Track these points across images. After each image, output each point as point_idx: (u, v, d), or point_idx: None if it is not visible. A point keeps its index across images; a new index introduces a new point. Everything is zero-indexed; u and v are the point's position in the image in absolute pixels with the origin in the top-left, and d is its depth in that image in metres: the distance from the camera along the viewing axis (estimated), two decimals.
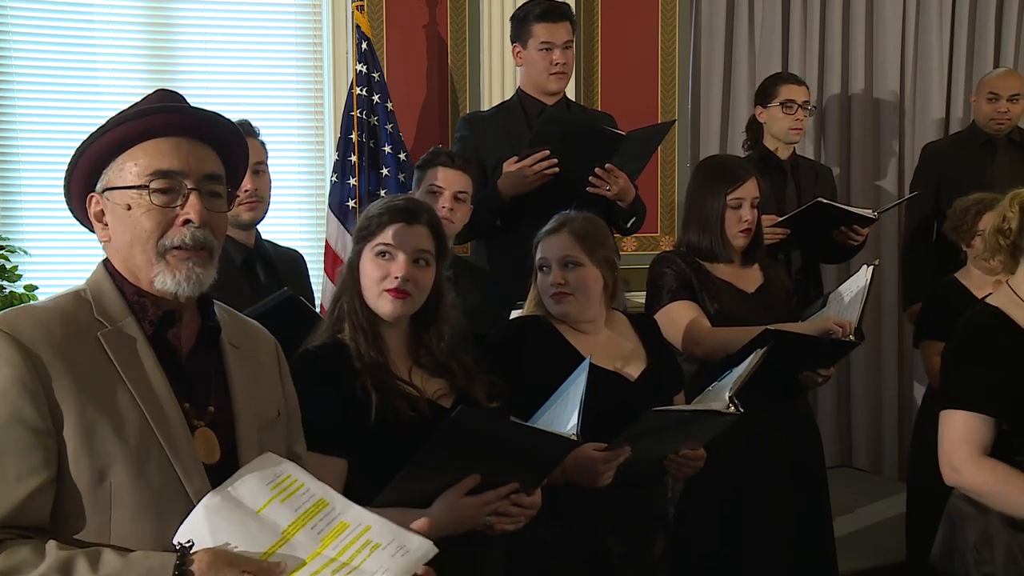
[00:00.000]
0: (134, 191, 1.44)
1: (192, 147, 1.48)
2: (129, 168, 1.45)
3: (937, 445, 2.23)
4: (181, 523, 1.36)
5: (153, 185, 1.44)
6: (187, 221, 1.45)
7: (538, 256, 2.43)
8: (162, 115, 1.47)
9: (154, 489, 1.37)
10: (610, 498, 2.24)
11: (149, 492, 1.37)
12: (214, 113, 1.51)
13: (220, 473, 1.43)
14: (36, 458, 1.33)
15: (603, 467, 2.14)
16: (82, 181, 1.49)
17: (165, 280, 1.44)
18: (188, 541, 1.32)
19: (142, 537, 1.36)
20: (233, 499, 1.37)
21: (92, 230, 1.53)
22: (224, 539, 1.33)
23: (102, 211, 1.48)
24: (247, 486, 1.39)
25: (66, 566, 1.29)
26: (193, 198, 1.45)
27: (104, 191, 1.47)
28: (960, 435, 2.18)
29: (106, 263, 1.51)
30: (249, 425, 1.52)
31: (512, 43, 3.47)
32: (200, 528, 1.34)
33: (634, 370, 2.40)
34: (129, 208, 1.44)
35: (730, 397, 2.19)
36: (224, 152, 1.53)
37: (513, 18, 3.48)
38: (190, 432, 1.43)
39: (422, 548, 1.41)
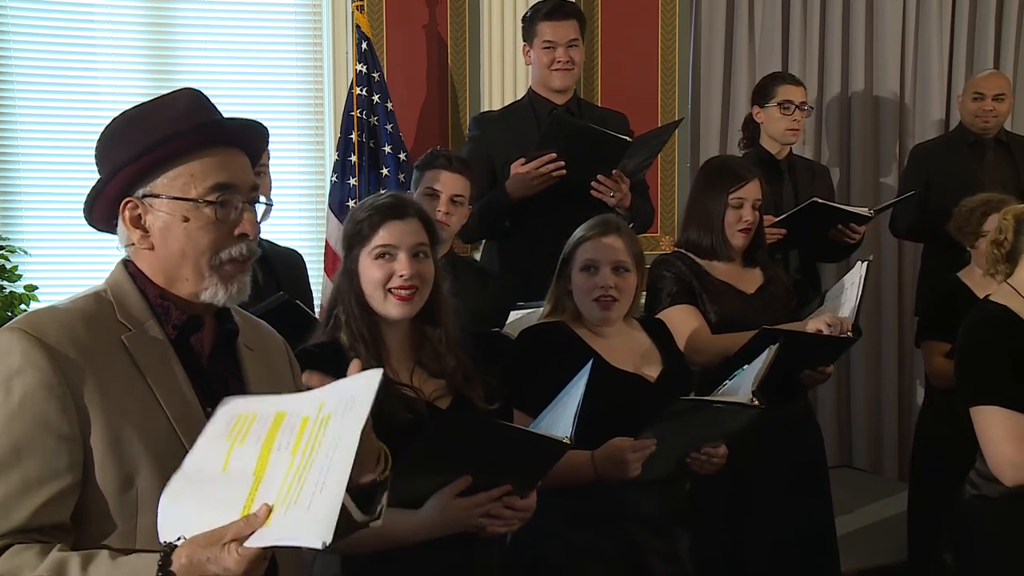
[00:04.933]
0: (191, 203, 1.43)
1: (238, 158, 1.49)
2: (184, 179, 1.43)
3: (930, 447, 2.23)
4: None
5: (218, 200, 1.43)
6: (242, 235, 1.45)
7: (583, 257, 2.40)
8: (215, 128, 1.46)
9: None
10: (636, 496, 2.26)
11: None
12: (252, 121, 1.51)
13: None
14: (60, 462, 1.31)
15: (631, 456, 2.15)
16: (121, 186, 1.46)
17: (217, 293, 1.45)
18: (178, 538, 1.26)
19: None
20: (191, 475, 1.31)
21: (102, 230, 1.51)
22: (200, 515, 1.26)
23: (139, 216, 1.46)
24: (204, 454, 1.33)
25: (60, 567, 1.27)
26: (249, 212, 1.46)
27: (145, 197, 1.45)
28: (1008, 432, 2.17)
29: (126, 264, 1.48)
30: None
31: (523, 43, 3.52)
32: (172, 520, 1.28)
33: (652, 371, 2.42)
34: (187, 220, 1.43)
35: (753, 391, 2.19)
36: (252, 158, 1.54)
37: (523, 18, 3.53)
38: None
39: (368, 383, 1.27)
